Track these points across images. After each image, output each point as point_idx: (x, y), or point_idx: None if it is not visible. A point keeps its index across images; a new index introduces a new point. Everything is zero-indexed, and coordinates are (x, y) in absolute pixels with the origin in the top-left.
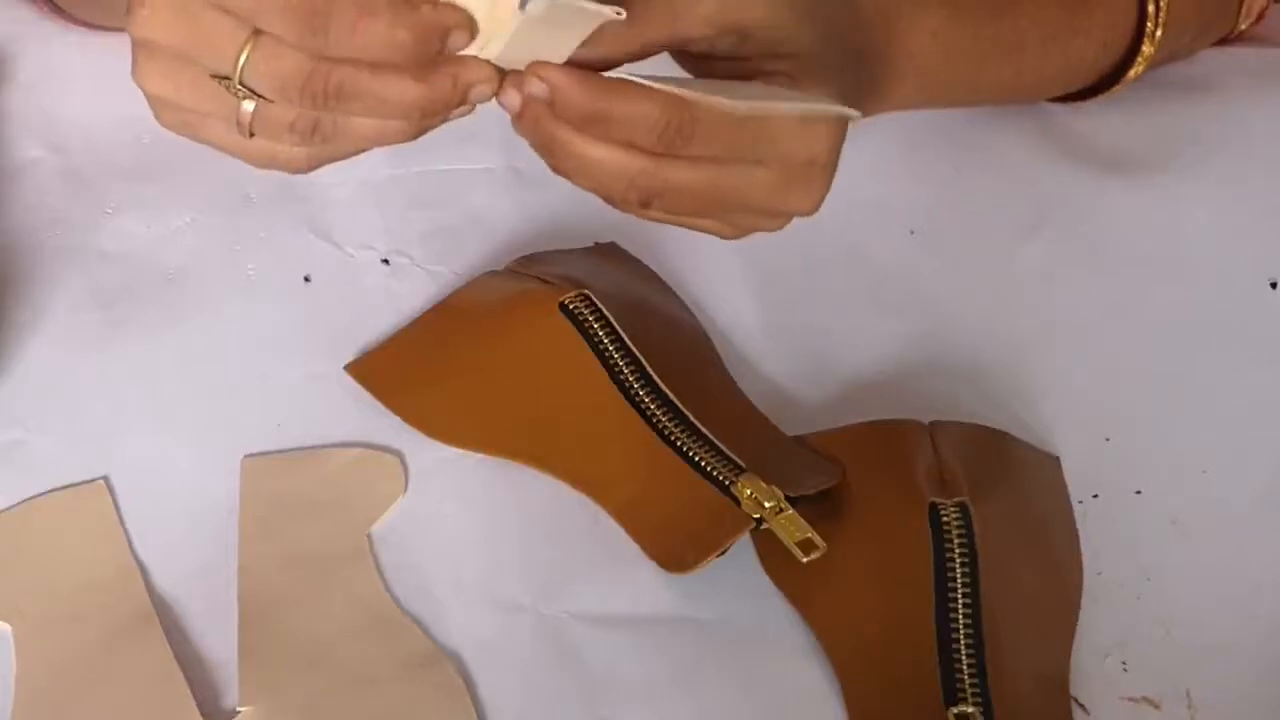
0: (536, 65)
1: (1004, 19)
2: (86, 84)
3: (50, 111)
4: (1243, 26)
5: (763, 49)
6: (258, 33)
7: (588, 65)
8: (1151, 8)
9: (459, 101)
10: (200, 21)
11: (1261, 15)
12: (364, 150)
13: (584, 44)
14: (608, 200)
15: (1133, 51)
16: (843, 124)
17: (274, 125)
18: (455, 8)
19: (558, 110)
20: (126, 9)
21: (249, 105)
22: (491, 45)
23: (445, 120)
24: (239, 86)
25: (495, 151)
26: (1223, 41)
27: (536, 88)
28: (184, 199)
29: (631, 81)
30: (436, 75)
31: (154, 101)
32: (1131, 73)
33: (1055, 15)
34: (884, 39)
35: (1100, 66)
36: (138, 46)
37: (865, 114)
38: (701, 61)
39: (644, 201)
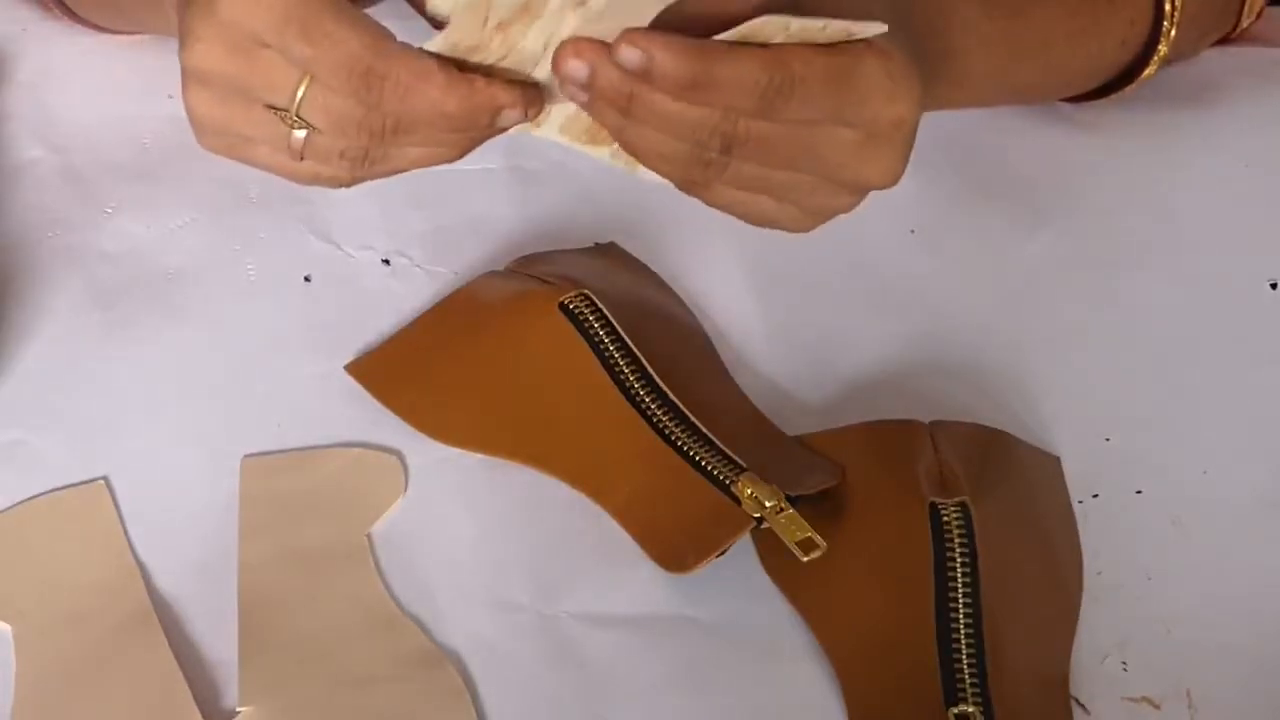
0: (629, 33)
1: (1033, 14)
2: (86, 84)
3: (50, 111)
4: (1244, 25)
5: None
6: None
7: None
8: (1168, 6)
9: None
10: (255, 57)
11: (1261, 12)
12: (409, 170)
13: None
14: (679, 171)
15: (1148, 50)
16: (921, 88)
17: (325, 152)
18: (511, 86)
19: (654, 79)
20: (180, 40)
21: (300, 134)
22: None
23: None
24: (295, 118)
25: (495, 151)
26: (1223, 41)
27: (630, 55)
28: (184, 199)
29: (725, 43)
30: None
31: (200, 125)
32: (1147, 71)
33: (1080, 11)
34: (926, 33)
35: (1117, 65)
36: (188, 74)
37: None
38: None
39: (726, 148)
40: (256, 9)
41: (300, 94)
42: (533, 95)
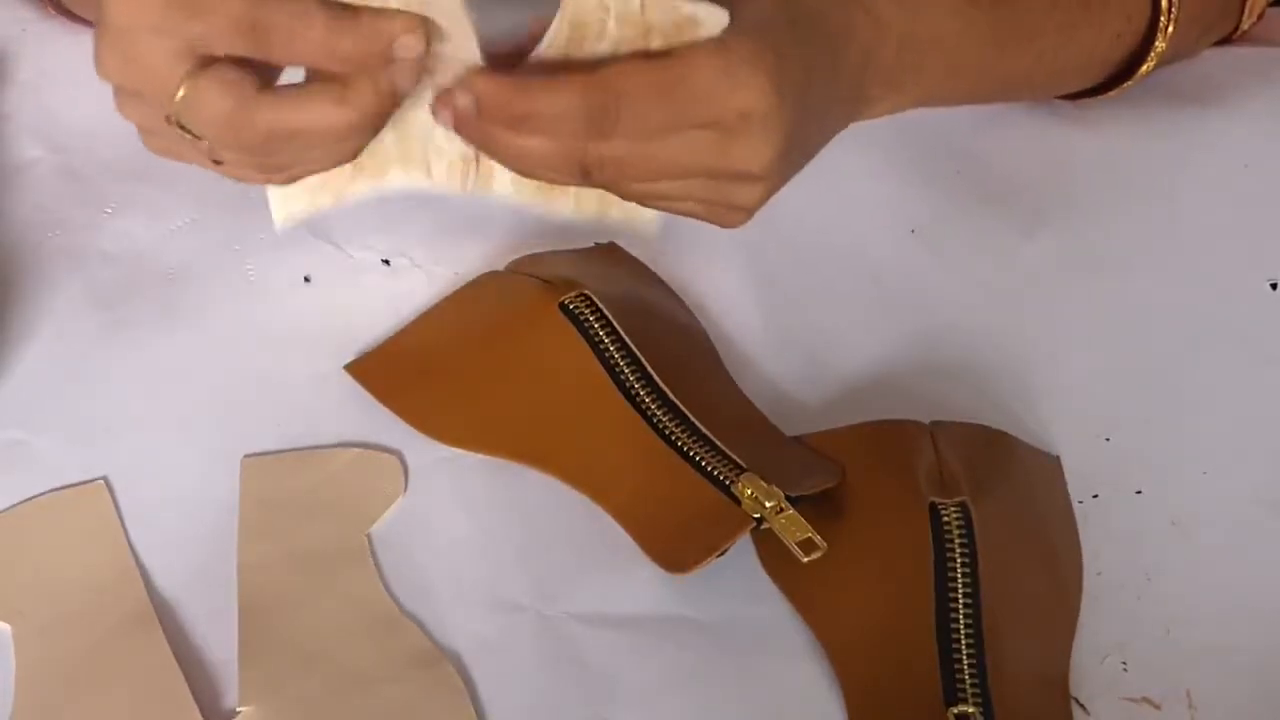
0: (466, 77)
1: (1022, 6)
2: (86, 84)
3: (50, 111)
4: (1245, 26)
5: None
6: (191, 76)
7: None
8: (1165, 2)
9: (390, 100)
10: (142, 65)
11: (1262, 14)
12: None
13: None
14: (560, 182)
15: (1145, 47)
16: (774, 73)
17: (228, 158)
18: (403, 14)
19: (486, 117)
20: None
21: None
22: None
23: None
24: (179, 127)
25: None
26: (1224, 41)
27: (463, 100)
28: (184, 199)
29: (544, 77)
30: (354, 90)
31: (139, 129)
32: (1144, 68)
33: (1071, 4)
34: (902, 22)
35: (1113, 60)
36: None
37: (889, 109)
38: None
39: (585, 174)
40: (139, 6)
41: (176, 106)
42: (429, 25)
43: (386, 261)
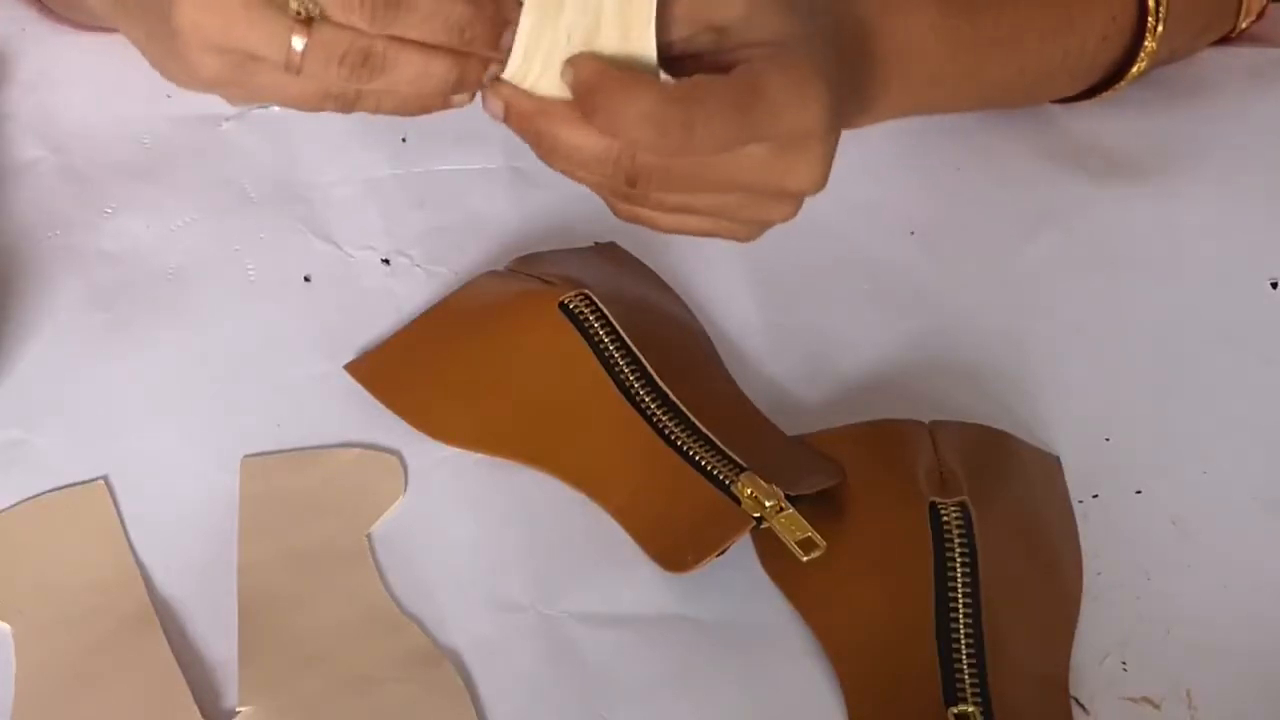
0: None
1: (1002, 11)
2: (86, 84)
3: (50, 111)
4: (1243, 25)
5: (742, 41)
6: None
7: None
8: (1152, 2)
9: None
10: None
11: (1262, 13)
12: (404, 106)
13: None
14: (607, 198)
15: (1134, 48)
16: (832, 94)
17: (324, 58)
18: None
19: (583, 98)
20: None
21: (299, 41)
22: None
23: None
24: (303, 5)
25: (495, 151)
26: (1223, 41)
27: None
28: (184, 199)
29: (628, 78)
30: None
31: (198, 39)
32: (1135, 69)
33: (1054, 8)
34: (881, 31)
35: (1102, 63)
36: None
37: (871, 119)
38: (685, 62)
39: (630, 181)
40: None
41: None
42: None
43: (386, 261)
